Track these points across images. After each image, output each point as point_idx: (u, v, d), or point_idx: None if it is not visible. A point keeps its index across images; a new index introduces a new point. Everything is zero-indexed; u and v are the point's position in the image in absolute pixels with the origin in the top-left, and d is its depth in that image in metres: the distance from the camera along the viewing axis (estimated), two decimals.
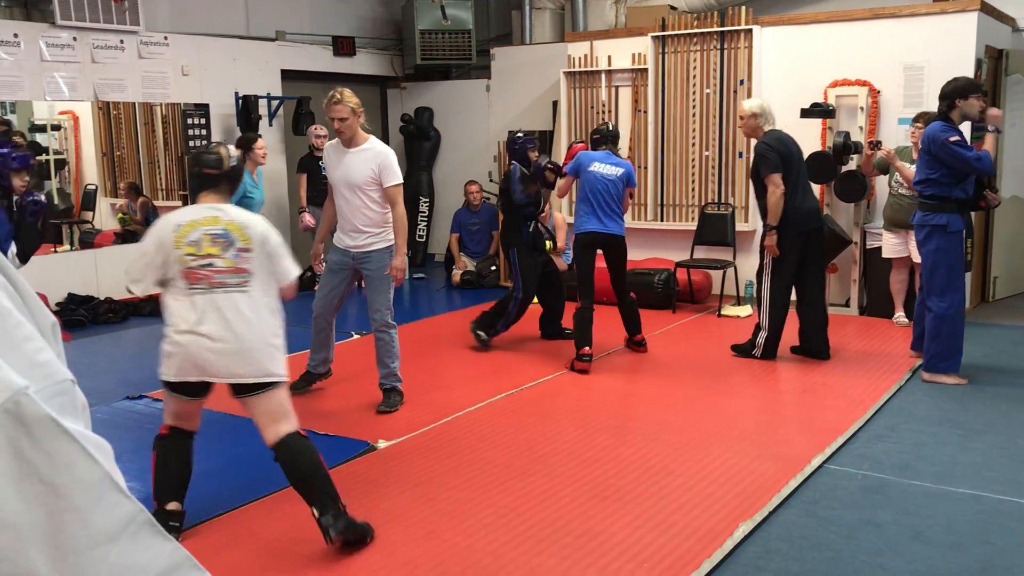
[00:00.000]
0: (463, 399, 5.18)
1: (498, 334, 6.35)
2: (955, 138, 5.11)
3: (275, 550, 3.40)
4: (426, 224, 10.29)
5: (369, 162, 4.81)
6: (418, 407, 5.05)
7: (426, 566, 3.24)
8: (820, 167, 6.99)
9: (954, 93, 5.20)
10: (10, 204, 4.56)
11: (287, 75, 9.07)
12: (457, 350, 6.39)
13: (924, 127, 5.52)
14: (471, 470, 4.13)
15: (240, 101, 8.43)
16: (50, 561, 0.69)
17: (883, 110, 7.15)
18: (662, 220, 8.19)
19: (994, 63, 7.42)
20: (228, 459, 4.45)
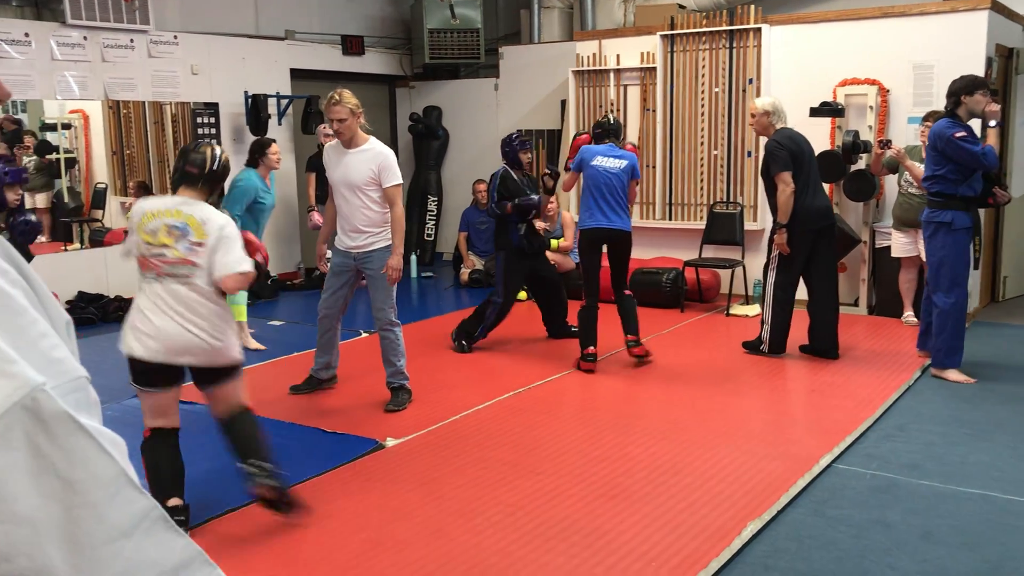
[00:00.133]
0: (471, 398, 5.19)
1: (477, 340, 6.33)
2: (961, 133, 5.15)
3: (283, 548, 3.41)
4: (434, 223, 10.30)
5: (369, 162, 4.82)
6: (426, 405, 5.06)
7: (434, 564, 3.24)
8: (829, 166, 6.97)
9: (959, 90, 5.26)
10: (4, 219, 4.54)
11: (296, 74, 9.09)
12: None
13: None
14: (479, 468, 4.14)
15: (249, 100, 8.45)
16: (66, 556, 0.70)
17: (892, 109, 7.13)
18: (670, 219, 8.19)
19: (1005, 62, 7.39)
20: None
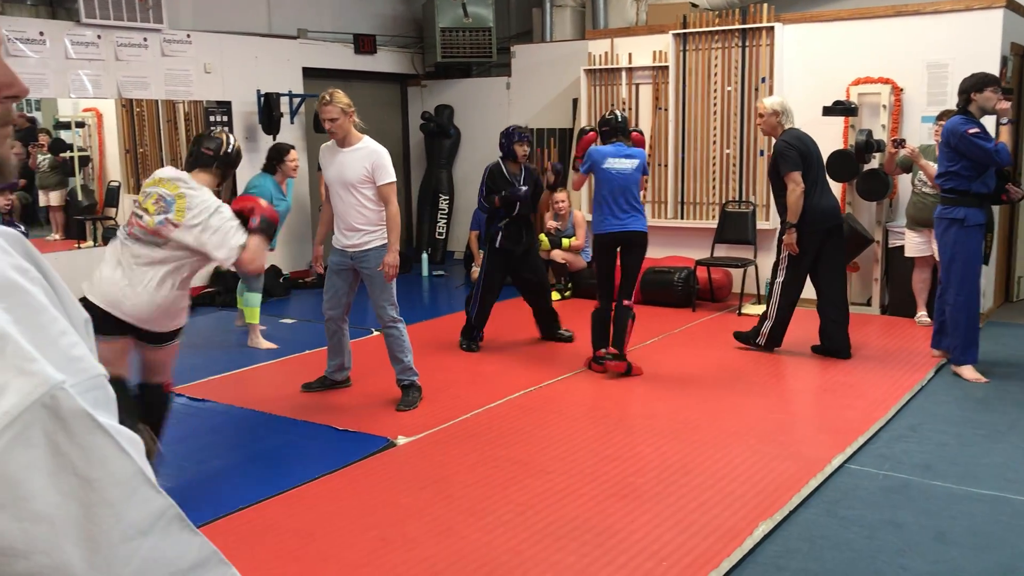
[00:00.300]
0: (481, 396, 5.19)
1: (478, 338, 6.34)
2: (974, 130, 5.18)
3: (295, 545, 3.42)
4: (446, 222, 10.31)
5: (363, 160, 4.85)
6: (436, 404, 5.07)
7: (444, 562, 3.25)
8: (842, 165, 6.95)
9: (969, 88, 5.29)
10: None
11: (308, 73, 9.11)
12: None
13: None
14: (489, 467, 4.14)
15: (262, 99, 8.47)
16: (84, 554, 0.70)
17: (906, 108, 7.10)
18: (682, 218, 8.17)
19: (1020, 60, 7.34)
20: (248, 454, 4.49)
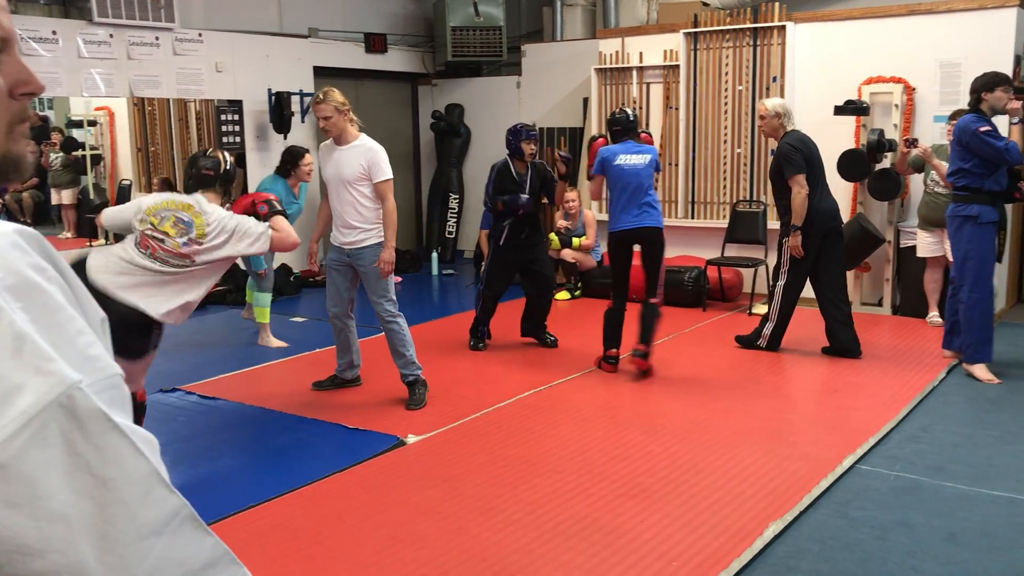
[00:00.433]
0: (491, 395, 5.19)
1: (484, 337, 6.35)
2: (985, 128, 5.20)
3: (306, 542, 3.43)
4: (456, 220, 10.32)
5: (359, 158, 4.88)
6: (447, 403, 5.07)
7: (454, 561, 3.25)
8: (853, 165, 6.92)
9: (980, 87, 5.31)
10: None
11: (319, 72, 9.12)
12: (485, 346, 6.40)
13: None
14: (499, 466, 4.14)
15: (273, 98, 8.49)
16: (98, 553, 0.71)
17: (918, 107, 7.07)
18: (693, 217, 8.15)
19: None
20: (258, 452, 4.51)
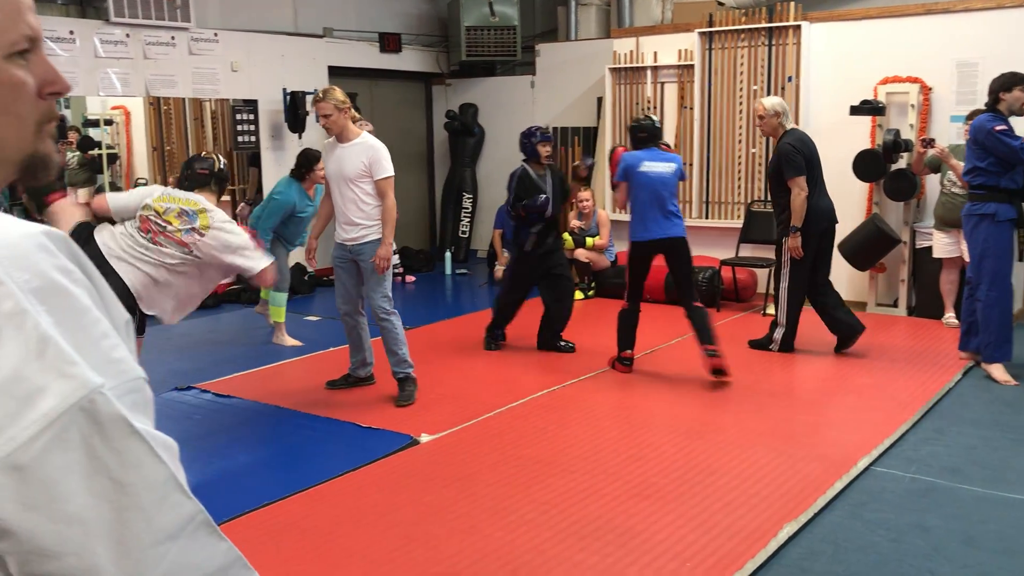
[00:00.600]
0: (504, 395, 5.19)
1: (500, 339, 6.33)
2: (1001, 127, 5.19)
3: (319, 541, 3.44)
4: (469, 220, 10.32)
5: (360, 155, 4.93)
6: (460, 402, 5.07)
7: (468, 560, 3.25)
8: (869, 165, 6.89)
9: (998, 87, 5.31)
10: None
11: (334, 71, 9.14)
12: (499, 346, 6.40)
13: None
14: (512, 466, 4.14)
15: (288, 97, 8.52)
16: (113, 556, 0.72)
17: (935, 107, 7.02)
18: (707, 218, 8.13)
19: None
20: (273, 451, 4.52)
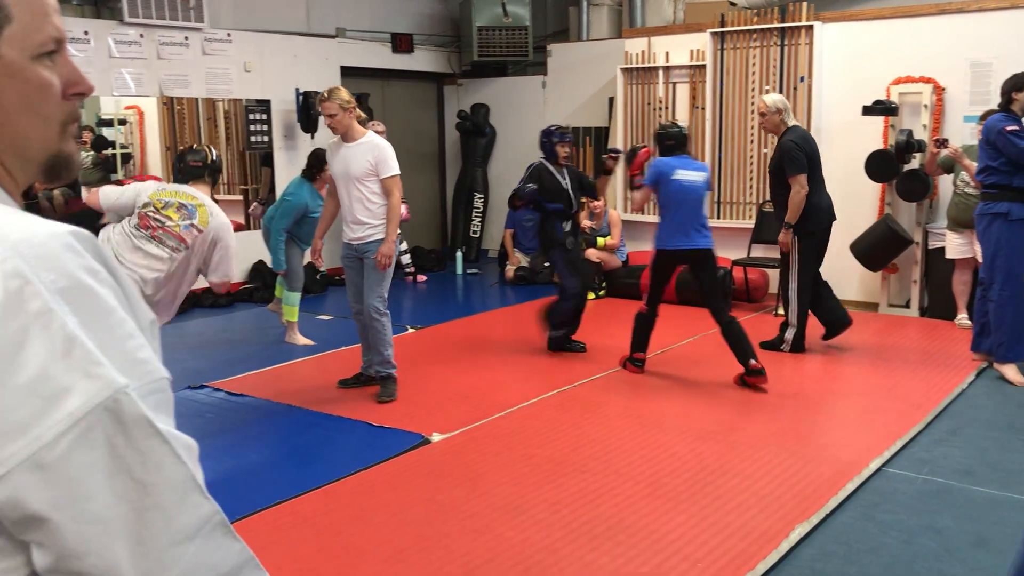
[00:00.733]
0: (516, 395, 5.20)
1: (564, 332, 6.18)
2: (1012, 127, 5.19)
3: (331, 539, 3.46)
4: (480, 220, 10.33)
5: (366, 154, 4.96)
6: (471, 402, 5.09)
7: (479, 560, 3.26)
8: (881, 166, 6.88)
9: (1010, 87, 5.32)
10: None
11: (346, 72, 9.17)
12: (510, 345, 6.41)
13: None
14: (524, 466, 4.15)
15: (300, 97, 8.55)
16: (132, 557, 0.74)
17: (948, 108, 7.00)
18: (719, 218, 8.12)
19: None
20: (285, 449, 4.54)
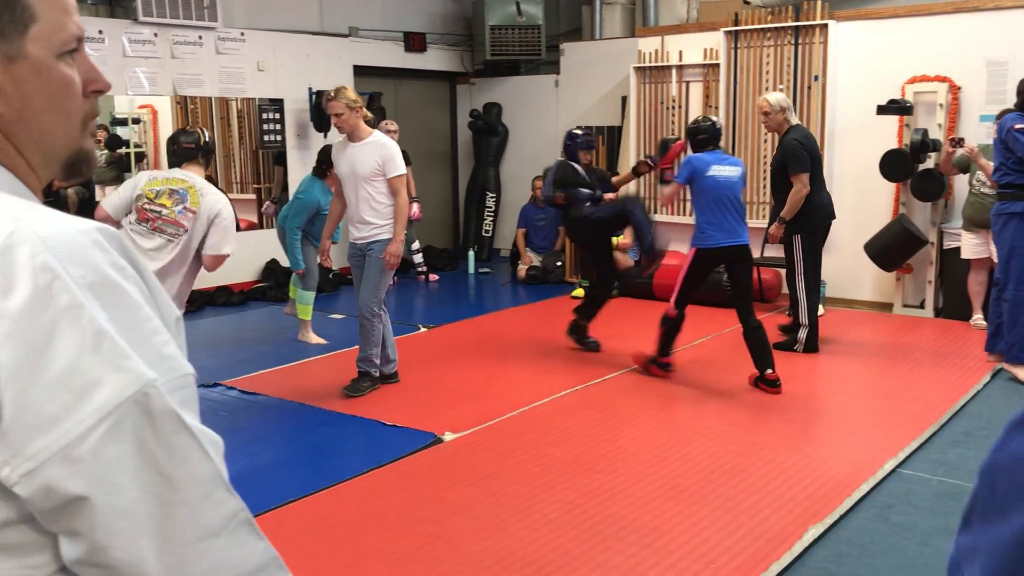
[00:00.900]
0: (528, 394, 5.19)
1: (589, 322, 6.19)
2: (1020, 125, 5.17)
3: (343, 538, 3.46)
4: (492, 219, 10.33)
5: (373, 154, 4.99)
6: (483, 401, 5.08)
7: (492, 559, 3.26)
8: (896, 165, 6.84)
9: None
10: None
11: (359, 71, 9.18)
12: (522, 345, 6.41)
13: None
14: (536, 465, 4.14)
15: (313, 96, 8.56)
16: (157, 552, 0.73)
17: (964, 107, 6.95)
18: None
19: None
20: (298, 448, 4.55)
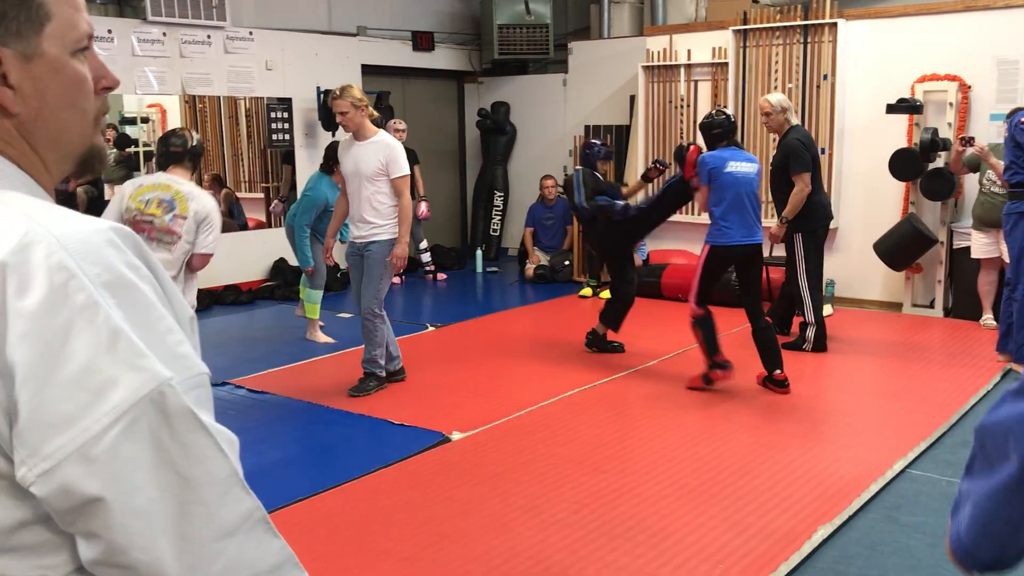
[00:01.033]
0: (536, 394, 5.19)
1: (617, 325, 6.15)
2: None
3: (350, 537, 3.46)
4: (500, 218, 10.33)
5: (377, 154, 4.99)
6: (491, 400, 5.08)
7: (499, 558, 3.26)
8: (906, 164, 6.82)
9: None
10: None
11: (367, 70, 9.19)
12: (530, 344, 6.41)
13: None
14: (544, 465, 4.14)
15: (322, 95, 8.57)
16: (175, 552, 0.73)
17: (974, 106, 6.92)
18: None
19: None
20: (305, 447, 4.56)
